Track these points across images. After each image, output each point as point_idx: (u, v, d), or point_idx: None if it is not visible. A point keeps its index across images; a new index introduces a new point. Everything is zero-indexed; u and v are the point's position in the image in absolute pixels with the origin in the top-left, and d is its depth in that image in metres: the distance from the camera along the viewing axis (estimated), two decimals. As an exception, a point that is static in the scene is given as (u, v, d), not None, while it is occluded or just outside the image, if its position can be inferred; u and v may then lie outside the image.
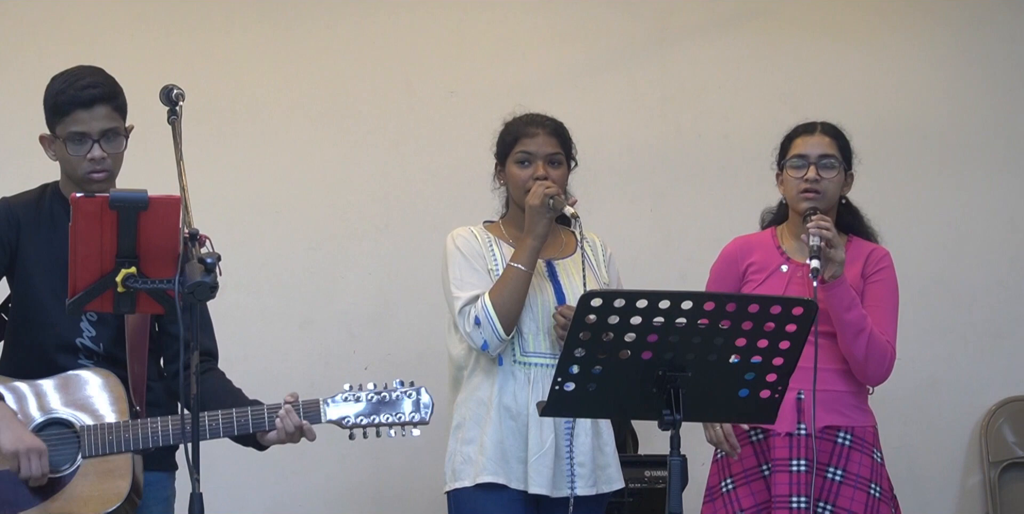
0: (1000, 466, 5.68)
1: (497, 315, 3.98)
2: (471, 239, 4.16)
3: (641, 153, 5.75)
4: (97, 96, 3.61)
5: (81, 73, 3.67)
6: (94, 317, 3.65)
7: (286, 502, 5.49)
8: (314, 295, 5.57)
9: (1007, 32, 5.90)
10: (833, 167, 4.18)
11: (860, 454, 4.10)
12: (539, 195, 4.03)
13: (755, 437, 4.12)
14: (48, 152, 3.71)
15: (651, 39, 5.81)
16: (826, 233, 3.99)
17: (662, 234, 5.72)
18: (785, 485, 4.03)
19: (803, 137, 4.23)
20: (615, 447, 4.17)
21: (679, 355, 3.27)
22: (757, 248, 4.25)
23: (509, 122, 4.23)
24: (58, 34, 5.54)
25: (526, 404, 4.02)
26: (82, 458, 3.51)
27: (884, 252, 4.25)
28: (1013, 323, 5.78)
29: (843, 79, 5.81)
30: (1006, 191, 5.83)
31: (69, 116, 3.60)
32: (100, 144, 3.61)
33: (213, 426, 3.54)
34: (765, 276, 4.19)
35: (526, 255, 4.02)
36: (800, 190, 4.16)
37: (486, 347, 4.01)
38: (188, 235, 3.12)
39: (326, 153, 5.63)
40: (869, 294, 4.13)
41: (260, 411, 3.60)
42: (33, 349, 3.65)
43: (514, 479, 4.01)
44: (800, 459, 4.04)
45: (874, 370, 4.12)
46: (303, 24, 5.67)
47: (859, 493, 4.05)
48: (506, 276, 4.03)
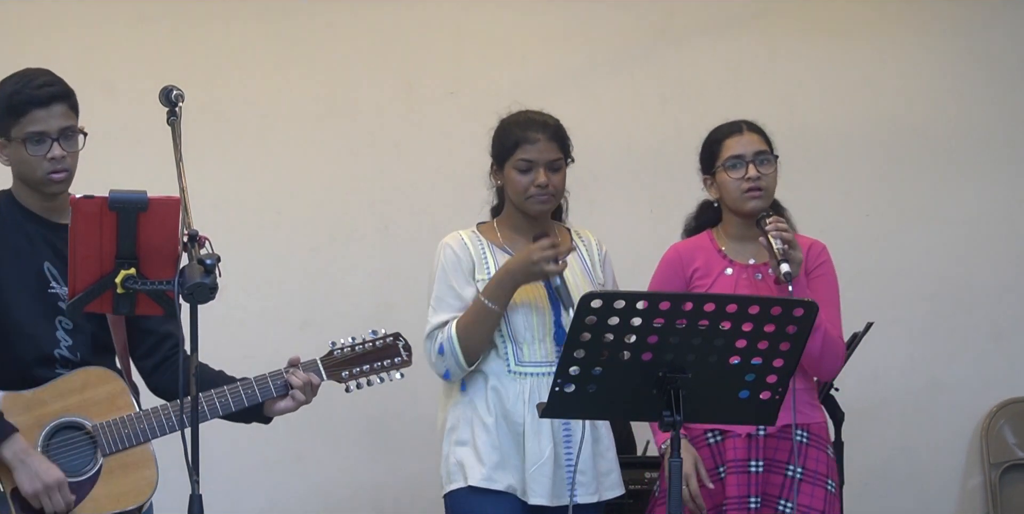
0: (1001, 467, 5.68)
1: (461, 348, 3.96)
2: (461, 250, 4.09)
3: (641, 153, 5.74)
4: (55, 94, 3.58)
5: (33, 74, 3.63)
6: (69, 325, 3.62)
7: (286, 502, 5.49)
8: (314, 296, 5.57)
9: (1009, 31, 5.89)
10: (770, 162, 4.17)
11: (816, 451, 4.10)
12: (543, 258, 3.92)
13: (712, 439, 4.10)
14: (0, 158, 3.64)
15: (651, 39, 5.81)
16: (786, 235, 3.98)
17: (662, 234, 5.69)
18: (743, 486, 4.02)
19: (733, 138, 4.20)
20: (616, 453, 4.14)
21: (679, 356, 3.27)
22: (698, 253, 4.21)
23: (507, 123, 4.15)
24: (58, 34, 5.54)
25: (522, 414, 3.99)
26: (103, 456, 3.52)
27: (821, 246, 4.21)
28: (1013, 324, 5.78)
29: (843, 79, 5.81)
30: (1008, 192, 5.83)
31: (26, 116, 3.56)
32: (59, 143, 3.57)
33: (223, 402, 3.56)
34: (711, 281, 4.16)
35: (502, 293, 3.96)
36: (744, 190, 4.13)
37: (448, 376, 4.02)
38: (188, 236, 3.11)
39: (326, 154, 5.63)
40: (813, 289, 4.10)
41: (264, 380, 3.63)
42: (11, 363, 3.59)
43: (512, 486, 3.98)
44: (759, 459, 4.04)
45: (829, 365, 4.12)
46: (303, 24, 5.66)
47: (817, 489, 4.05)
48: (477, 310, 3.97)
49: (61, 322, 3.62)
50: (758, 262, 4.14)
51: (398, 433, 5.47)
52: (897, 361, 5.72)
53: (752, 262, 4.16)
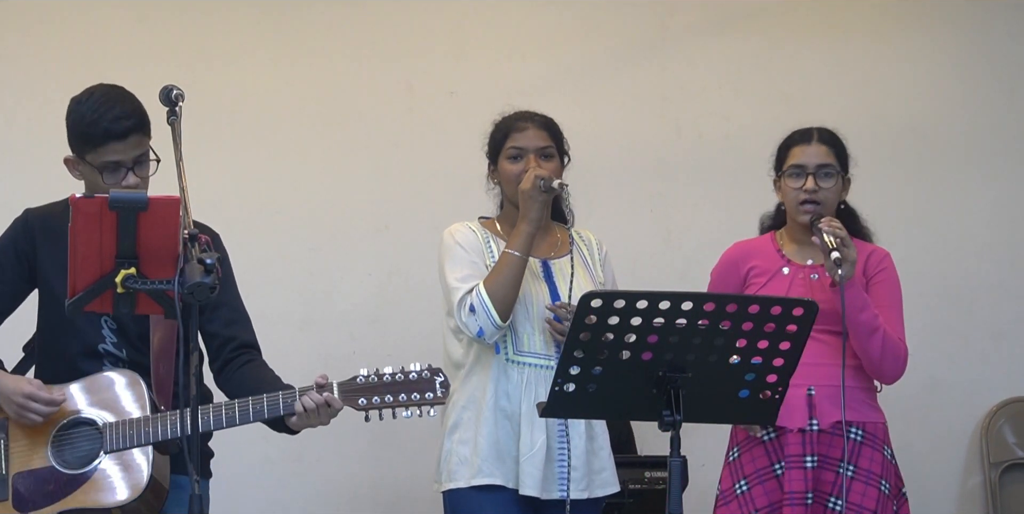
0: (1001, 467, 5.68)
1: (492, 301, 3.96)
2: (469, 234, 4.15)
3: (641, 153, 5.75)
4: (131, 128, 3.58)
5: (109, 100, 3.60)
6: (114, 325, 3.68)
7: (286, 502, 5.49)
8: (314, 295, 5.57)
9: (1008, 31, 5.89)
10: (831, 176, 4.18)
11: (871, 450, 4.09)
12: (529, 179, 4.02)
13: (767, 436, 4.11)
14: (73, 172, 3.69)
15: (651, 39, 5.81)
16: (839, 232, 4.00)
17: (662, 234, 5.72)
18: (800, 481, 4.02)
19: (800, 146, 4.22)
20: (611, 451, 4.14)
21: (679, 356, 3.27)
22: (758, 252, 4.25)
23: (498, 120, 4.22)
24: (59, 34, 5.54)
25: (519, 404, 4.01)
26: (104, 453, 3.55)
27: (884, 253, 4.25)
28: (1013, 323, 5.78)
29: (843, 79, 5.81)
30: (1007, 191, 5.83)
31: (104, 147, 3.58)
32: (134, 171, 3.61)
33: (230, 414, 3.56)
34: (767, 279, 4.19)
35: (520, 240, 4.01)
36: (799, 201, 4.15)
37: (481, 334, 3.98)
38: (187, 236, 3.12)
39: (326, 153, 5.63)
40: (874, 295, 4.13)
41: (276, 397, 3.59)
42: (60, 357, 3.69)
43: (510, 480, 4.00)
44: (812, 455, 4.04)
45: (890, 368, 4.12)
46: (303, 24, 5.67)
47: (870, 489, 4.04)
48: (500, 263, 4.02)
49: (106, 321, 3.67)
50: (816, 263, 4.16)
51: (398, 433, 5.46)
52: (900, 360, 5.71)
53: (810, 263, 4.18)
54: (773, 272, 4.20)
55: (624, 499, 4.64)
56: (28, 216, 3.75)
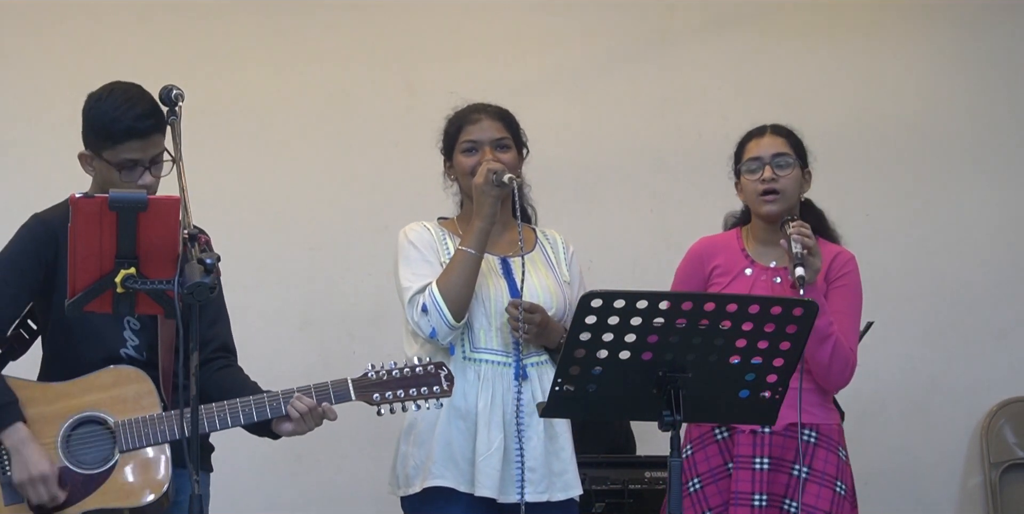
0: (1001, 467, 5.68)
1: (445, 301, 3.86)
2: (423, 232, 4.06)
3: (641, 153, 5.74)
4: (152, 126, 3.55)
5: (131, 98, 3.58)
6: (137, 325, 3.66)
7: (286, 502, 5.49)
8: (314, 295, 5.57)
9: (1006, 33, 5.89)
10: (789, 165, 4.15)
11: (826, 452, 4.07)
12: (482, 173, 3.91)
13: (720, 435, 4.09)
14: (86, 168, 3.66)
15: (651, 39, 5.81)
16: (807, 241, 3.95)
17: (662, 234, 5.71)
18: (747, 482, 4.00)
19: (755, 140, 4.20)
20: (573, 453, 4.01)
21: (679, 356, 3.27)
22: (722, 250, 4.21)
23: (451, 115, 4.12)
24: (59, 34, 5.54)
25: (475, 403, 3.92)
26: (119, 453, 3.53)
27: (849, 255, 4.18)
28: (1013, 323, 5.78)
29: (842, 79, 5.81)
30: (1007, 191, 5.83)
31: (124, 144, 3.56)
32: (150, 170, 3.59)
33: (221, 416, 3.55)
34: (729, 279, 4.15)
35: (474, 237, 3.90)
36: (759, 192, 4.13)
37: (434, 335, 3.89)
38: (187, 235, 3.12)
39: (326, 153, 5.63)
40: (832, 299, 4.08)
41: (261, 399, 3.59)
42: (77, 362, 3.63)
43: (463, 482, 3.89)
44: (763, 457, 4.03)
45: (836, 377, 4.06)
46: (303, 24, 5.67)
47: (824, 490, 4.02)
48: (454, 261, 3.91)
49: (129, 322, 3.65)
50: (779, 265, 4.12)
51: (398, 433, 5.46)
52: (897, 361, 5.71)
53: (773, 265, 4.14)
54: (736, 273, 4.16)
55: (624, 499, 4.64)
56: (49, 223, 3.66)
